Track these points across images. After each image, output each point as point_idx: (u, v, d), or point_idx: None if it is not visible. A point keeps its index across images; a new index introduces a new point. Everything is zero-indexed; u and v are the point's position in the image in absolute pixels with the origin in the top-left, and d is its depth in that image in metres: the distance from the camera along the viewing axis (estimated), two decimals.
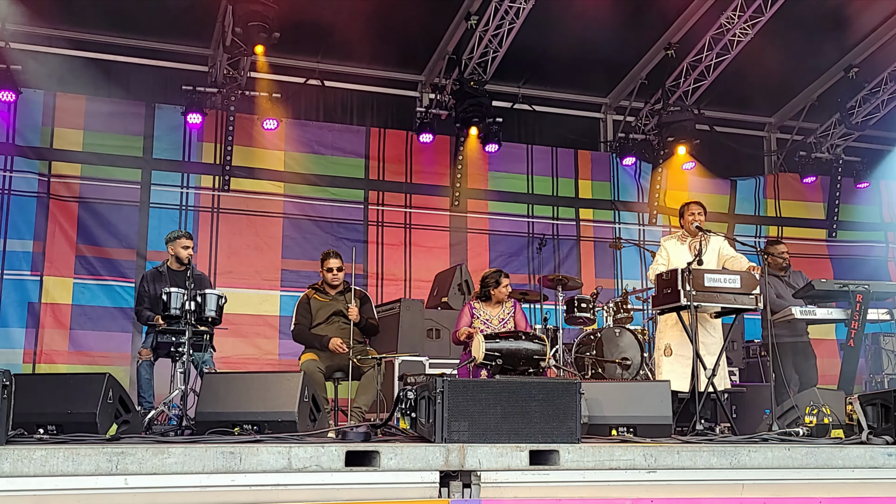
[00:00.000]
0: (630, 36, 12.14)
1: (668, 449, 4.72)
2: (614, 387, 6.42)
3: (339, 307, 7.80)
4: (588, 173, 13.56)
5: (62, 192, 11.08)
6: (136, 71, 11.80)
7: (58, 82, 11.12)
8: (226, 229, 11.72)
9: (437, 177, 12.81)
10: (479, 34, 11.45)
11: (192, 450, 4.09)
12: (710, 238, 7.61)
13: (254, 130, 11.90)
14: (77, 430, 5.03)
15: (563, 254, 13.13)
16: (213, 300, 7.14)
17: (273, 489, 4.15)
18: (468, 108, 11.72)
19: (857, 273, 13.25)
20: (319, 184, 12.23)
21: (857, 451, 4.97)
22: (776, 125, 14.81)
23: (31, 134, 11.09)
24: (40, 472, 3.88)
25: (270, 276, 11.75)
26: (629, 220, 13.62)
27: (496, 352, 7.32)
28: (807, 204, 14.55)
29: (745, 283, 6.84)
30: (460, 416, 4.62)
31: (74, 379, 5.70)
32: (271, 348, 11.44)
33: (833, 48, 12.75)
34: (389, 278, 12.27)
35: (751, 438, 5.70)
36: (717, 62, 12.22)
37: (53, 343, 10.70)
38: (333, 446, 4.29)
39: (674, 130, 12.58)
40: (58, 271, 10.89)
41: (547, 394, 4.78)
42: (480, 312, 8.08)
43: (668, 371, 7.24)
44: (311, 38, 11.70)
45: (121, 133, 11.42)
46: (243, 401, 5.65)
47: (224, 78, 11.44)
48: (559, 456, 4.54)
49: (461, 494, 4.37)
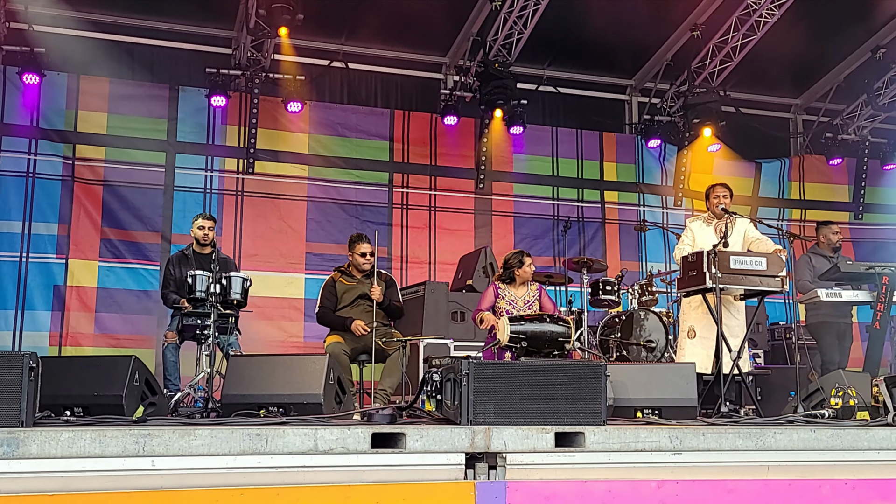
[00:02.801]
0: (655, 17, 12.05)
1: (694, 431, 4.70)
2: (639, 369, 6.40)
3: (364, 290, 7.78)
4: (613, 155, 13.49)
5: (87, 175, 11.11)
6: (160, 53, 11.79)
7: (81, 65, 11.13)
8: (250, 212, 11.72)
9: (461, 159, 12.76)
10: (503, 15, 11.38)
11: (219, 432, 4.10)
12: (735, 220, 7.55)
13: (278, 113, 11.89)
14: (103, 412, 5.07)
15: (588, 236, 13.08)
16: (239, 283, 7.18)
17: (299, 471, 4.16)
18: (493, 90, 11.65)
19: (879, 256, 13.13)
20: (344, 166, 12.21)
21: (883, 433, 4.94)
22: (802, 107, 14.65)
23: (55, 117, 11.12)
24: (67, 453, 3.89)
25: (295, 259, 11.75)
26: (654, 202, 13.54)
27: (521, 334, 7.29)
28: (832, 186, 14.43)
29: (771, 266, 6.79)
30: (486, 397, 4.62)
31: (101, 361, 5.75)
32: (296, 331, 11.46)
33: (860, 29, 12.62)
34: (414, 261, 12.26)
35: (776, 420, 5.69)
36: (744, 43, 12.12)
37: (79, 326, 10.75)
38: (359, 428, 4.30)
39: (699, 112, 12.49)
40: (83, 254, 10.93)
41: (573, 376, 4.78)
42: (505, 293, 8.05)
43: (690, 353, 7.20)
44: (335, 20, 11.71)
45: (145, 116, 11.43)
46: (269, 383, 5.67)
47: (248, 60, 11.44)
48: (585, 438, 4.53)
49: (487, 476, 4.37)
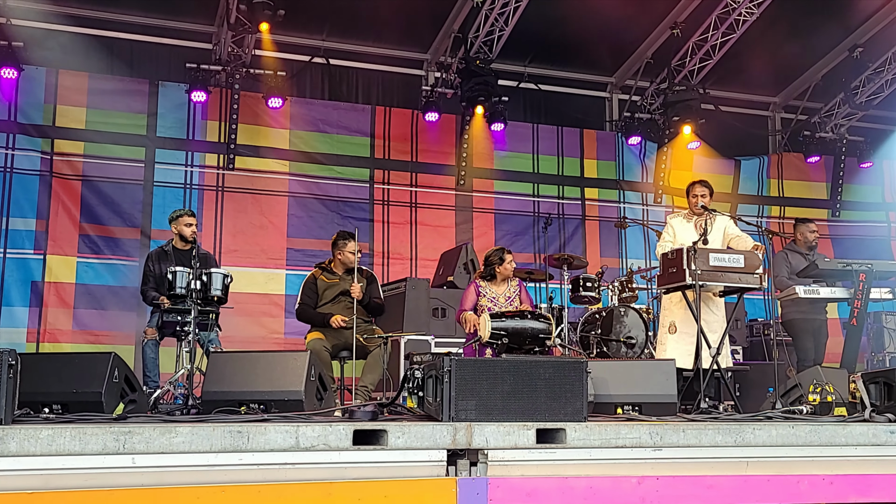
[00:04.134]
0: (636, 15, 12.07)
1: (674, 427, 4.73)
2: (619, 365, 6.44)
3: (345, 287, 7.74)
4: (593, 153, 13.53)
5: (65, 170, 11.03)
6: (140, 48, 11.72)
7: (60, 59, 11.04)
8: (231, 208, 11.67)
9: (442, 156, 12.77)
10: (484, 12, 11.39)
11: (200, 429, 4.09)
12: (715, 217, 7.62)
13: (258, 109, 11.84)
14: (83, 409, 5.04)
15: (569, 233, 13.12)
16: (219, 279, 7.14)
17: (281, 468, 4.16)
18: (474, 87, 11.67)
19: (857, 253, 13.26)
20: (325, 162, 12.18)
21: (860, 428, 4.99)
22: (781, 105, 14.76)
23: (33, 111, 11.02)
24: (47, 451, 3.86)
25: (276, 254, 11.71)
26: (634, 199, 13.61)
27: (502, 331, 7.31)
28: (810, 184, 14.57)
29: (749, 263, 6.84)
30: (468, 394, 4.62)
31: (80, 358, 5.69)
32: (277, 327, 11.44)
33: (838, 28, 12.73)
34: (395, 257, 12.26)
35: (755, 416, 5.73)
36: (723, 41, 12.21)
37: (57, 322, 10.67)
38: (341, 425, 4.29)
39: (679, 110, 12.55)
40: (61, 250, 10.85)
41: (554, 372, 4.79)
42: (487, 291, 8.07)
43: (671, 349, 7.25)
44: (316, 16, 11.67)
45: (124, 111, 11.35)
46: (250, 380, 5.66)
47: (228, 56, 11.40)
48: (566, 434, 4.55)
49: (468, 473, 4.39)
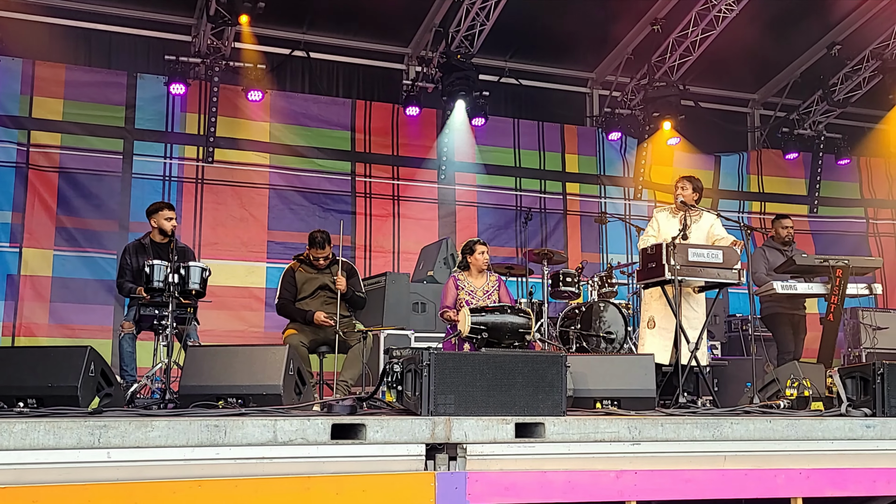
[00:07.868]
0: (617, 11, 12.14)
1: (653, 421, 4.74)
2: (599, 360, 6.43)
3: (325, 281, 7.72)
4: (574, 147, 13.54)
5: (42, 161, 10.92)
6: (118, 40, 11.65)
7: (37, 50, 10.94)
8: (210, 200, 11.59)
9: (423, 150, 12.74)
10: (465, 7, 11.37)
11: (177, 423, 4.04)
12: (702, 214, 7.60)
13: (238, 102, 11.78)
14: (58, 403, 4.96)
15: (550, 228, 13.14)
16: (197, 273, 7.06)
17: (258, 462, 4.12)
18: (455, 82, 11.66)
19: (837, 248, 13.44)
20: (306, 155, 12.12)
21: (837, 423, 5.01)
22: (760, 101, 14.84)
23: (9, 102, 10.90)
24: (21, 445, 3.80)
25: (256, 247, 11.63)
26: (615, 194, 13.65)
27: (482, 325, 7.31)
28: (789, 180, 14.65)
29: (728, 258, 6.86)
30: (446, 389, 4.60)
31: (55, 352, 5.60)
32: (257, 321, 11.37)
33: (816, 25, 12.82)
34: (377, 250, 12.22)
35: (733, 411, 5.76)
36: (703, 38, 12.23)
37: (33, 316, 10.57)
38: (319, 419, 4.27)
39: (659, 106, 12.62)
40: (37, 243, 10.74)
41: (533, 367, 4.78)
42: (464, 284, 8.08)
43: (650, 344, 7.26)
44: (297, 9, 11.62)
45: (102, 103, 11.26)
46: (227, 374, 5.62)
47: (208, 48, 11.33)
48: (545, 428, 4.54)
49: (447, 467, 4.37)
